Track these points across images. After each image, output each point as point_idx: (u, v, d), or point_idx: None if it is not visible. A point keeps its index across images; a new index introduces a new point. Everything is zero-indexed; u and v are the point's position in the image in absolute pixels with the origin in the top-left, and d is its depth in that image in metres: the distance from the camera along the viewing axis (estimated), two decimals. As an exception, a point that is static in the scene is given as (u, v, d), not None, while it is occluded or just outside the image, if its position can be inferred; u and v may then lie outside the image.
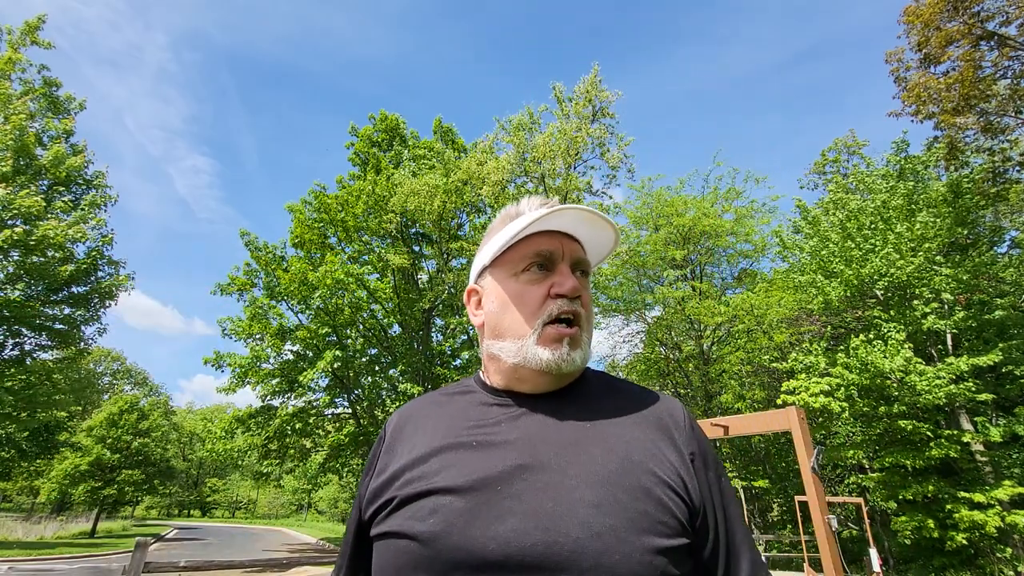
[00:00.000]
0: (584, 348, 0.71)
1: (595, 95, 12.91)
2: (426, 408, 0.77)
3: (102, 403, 35.21)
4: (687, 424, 0.71)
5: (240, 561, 5.94)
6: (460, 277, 16.24)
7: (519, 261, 0.74)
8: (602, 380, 0.78)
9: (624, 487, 0.59)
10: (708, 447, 0.71)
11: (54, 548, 16.31)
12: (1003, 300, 10.68)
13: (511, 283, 0.74)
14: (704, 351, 16.55)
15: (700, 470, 0.66)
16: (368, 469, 0.75)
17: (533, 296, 0.72)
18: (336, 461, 16.97)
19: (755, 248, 17.92)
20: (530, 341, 0.70)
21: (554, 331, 0.69)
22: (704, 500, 0.64)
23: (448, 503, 0.60)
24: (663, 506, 0.59)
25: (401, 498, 0.63)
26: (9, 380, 12.44)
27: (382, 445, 0.75)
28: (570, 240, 0.76)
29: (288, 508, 53.12)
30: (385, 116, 19.96)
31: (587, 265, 0.78)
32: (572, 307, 0.70)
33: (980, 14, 9.62)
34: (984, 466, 9.65)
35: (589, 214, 0.72)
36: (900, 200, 10.72)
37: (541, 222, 0.72)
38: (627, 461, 0.62)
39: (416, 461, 0.66)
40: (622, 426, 0.67)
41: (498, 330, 0.74)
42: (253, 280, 15.85)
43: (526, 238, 0.74)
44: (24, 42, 13.99)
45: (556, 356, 0.68)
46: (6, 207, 11.33)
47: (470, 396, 0.76)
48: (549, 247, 0.74)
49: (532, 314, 0.71)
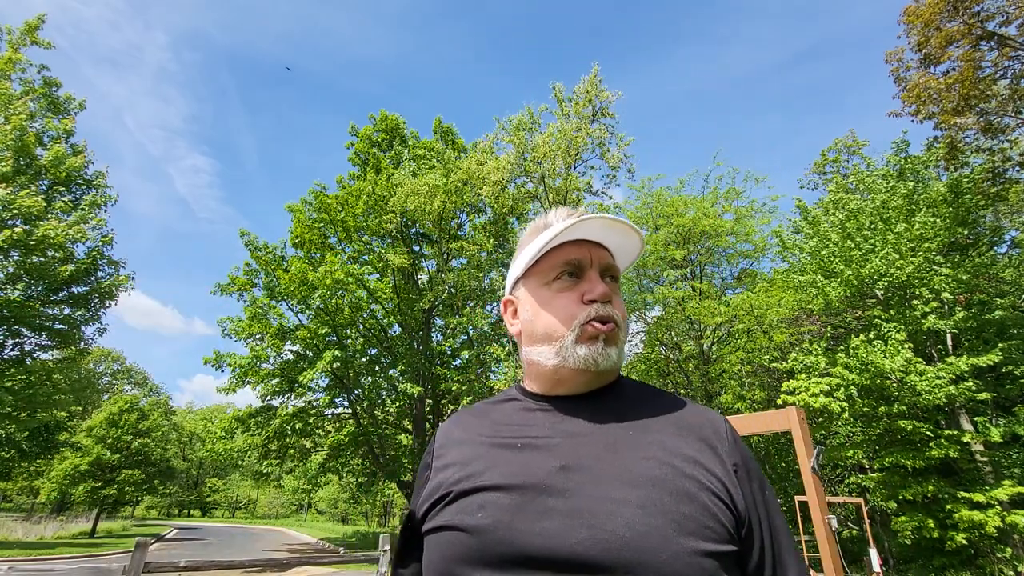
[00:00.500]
0: (620, 347, 0.74)
1: (595, 95, 12.91)
2: (472, 416, 0.81)
3: (102, 403, 35.21)
4: (729, 436, 0.71)
5: (240, 561, 5.95)
6: (460, 277, 16.24)
7: (549, 271, 0.78)
8: (641, 388, 0.80)
9: (668, 490, 0.60)
10: (751, 460, 0.71)
11: (54, 548, 16.31)
12: (1003, 300, 10.67)
13: (543, 292, 0.78)
14: (704, 351, 16.55)
15: (744, 481, 0.66)
16: (421, 476, 0.78)
17: (565, 302, 0.75)
18: (336, 461, 16.96)
19: (755, 248, 17.91)
20: (568, 341, 0.72)
21: (591, 328, 0.72)
22: (749, 510, 0.64)
23: (495, 499, 0.62)
24: (708, 511, 0.59)
25: (454, 494, 0.66)
26: (9, 380, 12.44)
27: (432, 455, 0.78)
28: (598, 247, 0.79)
29: (288, 508, 53.11)
30: (385, 116, 19.97)
31: (616, 271, 0.81)
32: (606, 311, 0.73)
33: (980, 14, 9.62)
34: (984, 466, 9.64)
35: (615, 222, 0.76)
36: (900, 200, 10.72)
37: (568, 232, 0.76)
38: (670, 466, 0.63)
39: (465, 462, 0.70)
40: (663, 433, 0.68)
41: (535, 336, 0.78)
42: (253, 280, 15.86)
43: (555, 248, 0.78)
44: (24, 42, 14.00)
45: (593, 352, 0.71)
46: (6, 207, 11.33)
47: (513, 403, 0.79)
48: (578, 255, 0.77)
49: (569, 318, 0.74)
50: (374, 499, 37.60)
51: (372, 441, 16.44)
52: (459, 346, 18.30)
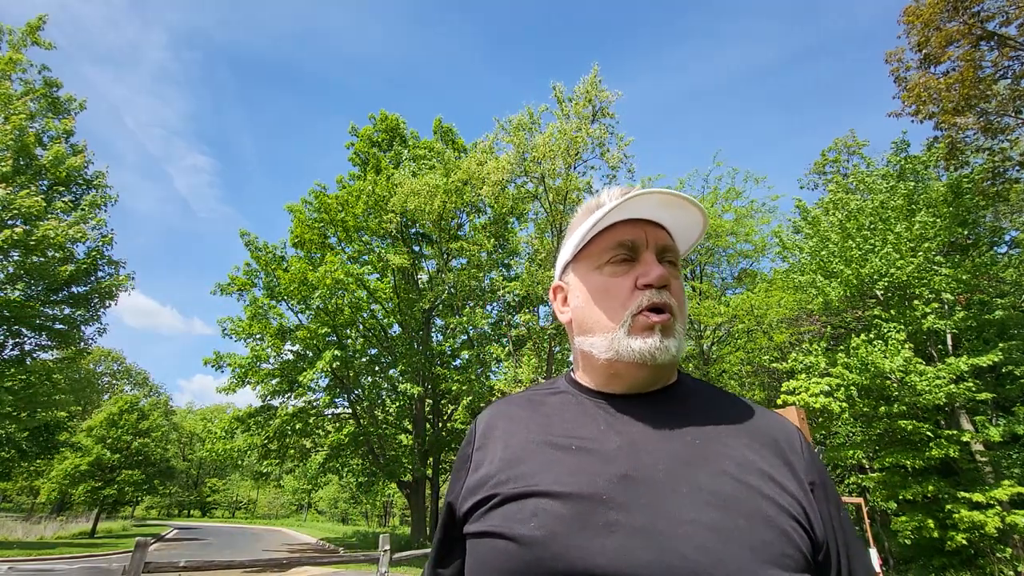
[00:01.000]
0: (679, 337, 0.67)
1: (595, 95, 12.91)
2: (517, 407, 0.74)
3: (102, 403, 35.22)
4: (804, 449, 0.65)
5: (240, 561, 5.94)
6: (460, 277, 16.24)
7: (601, 253, 0.71)
8: (705, 388, 0.73)
9: (743, 512, 0.54)
10: (827, 476, 0.65)
11: (54, 548, 16.31)
12: (1003, 300, 10.68)
13: (595, 277, 0.71)
14: (704, 351, 16.55)
15: (821, 501, 0.61)
16: (460, 468, 0.72)
17: (619, 288, 0.68)
18: (336, 461, 16.96)
19: (755, 248, 17.93)
20: (620, 332, 0.66)
21: (645, 319, 0.65)
22: (827, 534, 0.59)
23: (550, 507, 0.56)
24: (787, 537, 0.54)
25: (501, 496, 0.60)
26: (9, 380, 12.44)
27: (472, 445, 0.72)
28: (654, 227, 0.71)
29: (288, 508, 53.13)
30: (385, 116, 19.97)
31: (675, 252, 0.72)
32: (661, 297, 0.66)
33: (980, 14, 9.62)
34: (984, 466, 9.65)
35: (673, 197, 0.68)
36: (900, 200, 10.72)
37: (620, 210, 0.68)
38: (744, 484, 0.57)
39: (513, 460, 0.64)
40: (735, 444, 0.62)
41: (586, 325, 0.71)
42: (253, 280, 15.87)
43: (607, 229, 0.71)
44: (25, 42, 13.99)
45: (649, 345, 0.64)
46: (6, 207, 11.33)
47: (562, 396, 0.73)
48: (631, 236, 0.70)
49: (621, 306, 0.67)
50: (374, 499, 37.61)
51: (372, 441, 16.45)
52: (459, 346, 18.30)
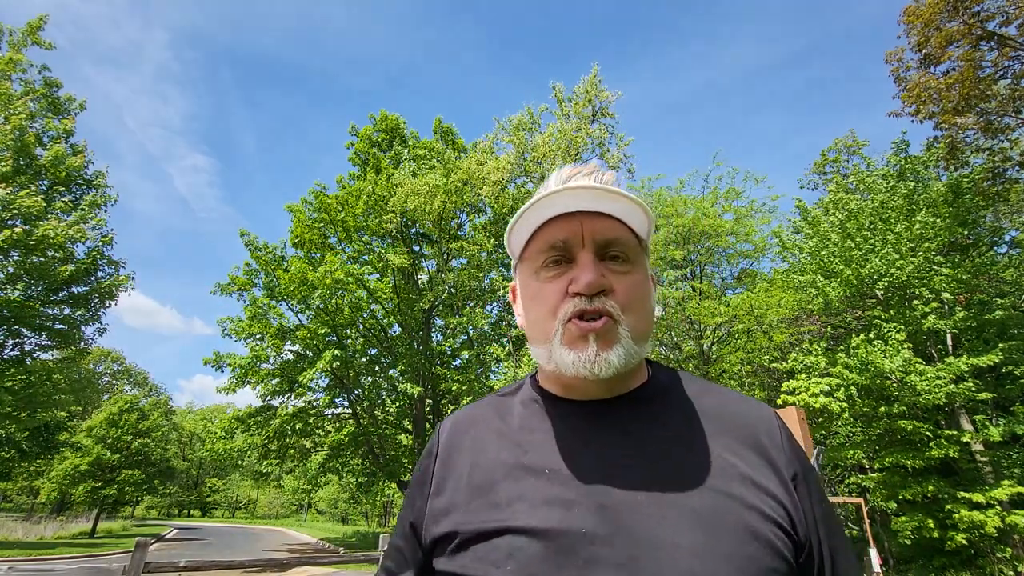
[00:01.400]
0: (624, 343, 0.58)
1: (595, 95, 12.92)
2: (483, 418, 0.69)
3: (102, 403, 35.21)
4: (784, 439, 0.62)
5: (240, 561, 5.94)
6: (460, 277, 16.23)
7: (536, 256, 0.64)
8: (677, 383, 0.67)
9: (727, 528, 0.52)
10: (808, 464, 0.62)
11: (54, 548, 16.30)
12: (1003, 300, 10.67)
13: (532, 282, 0.65)
14: (704, 351, 16.54)
15: (804, 497, 0.59)
16: (421, 483, 0.67)
17: (551, 295, 0.61)
18: (336, 461, 16.97)
19: (755, 248, 17.92)
20: (556, 343, 0.60)
21: (575, 328, 0.58)
22: (810, 532, 0.57)
23: (526, 546, 0.52)
24: (772, 549, 0.52)
25: (473, 532, 0.56)
26: (9, 380, 12.45)
27: (434, 457, 0.67)
28: (596, 218, 0.61)
29: (288, 508, 53.14)
30: (385, 116, 19.97)
31: (622, 245, 0.62)
32: (592, 306, 0.58)
33: (980, 14, 9.62)
34: (984, 466, 9.64)
35: (603, 192, 0.59)
36: (900, 200, 10.72)
37: (543, 208, 0.61)
38: (726, 495, 0.54)
39: (483, 487, 0.59)
40: (714, 448, 0.59)
41: (530, 334, 0.65)
42: (253, 280, 15.88)
43: (543, 226, 0.63)
44: (25, 43, 14.00)
45: (583, 357, 0.57)
46: (6, 207, 11.33)
47: (531, 406, 0.67)
48: (563, 235, 0.61)
49: (551, 314, 0.61)
50: (374, 499, 37.58)
51: (372, 441, 16.45)
52: (459, 346, 18.30)
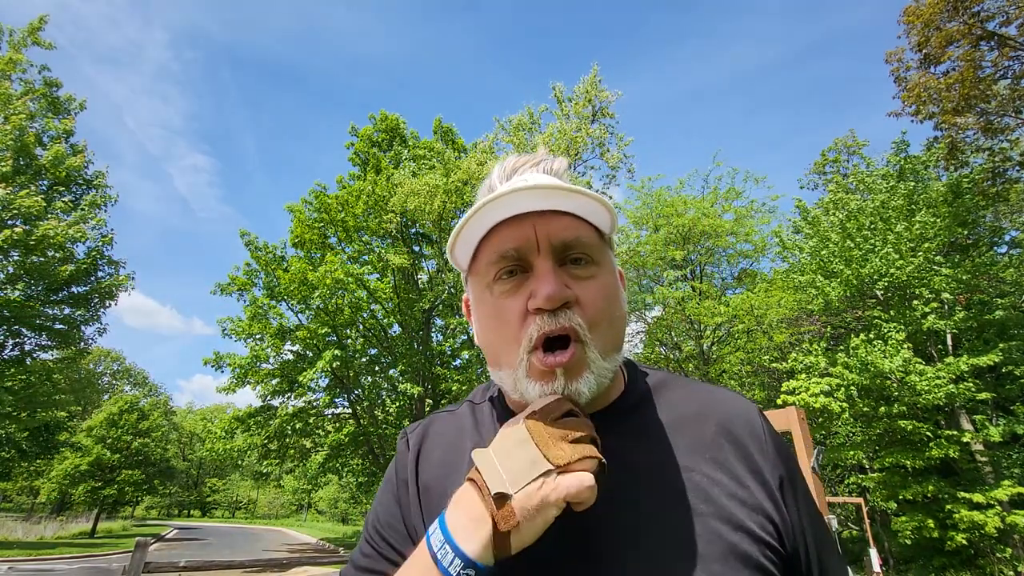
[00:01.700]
0: (594, 370, 0.53)
1: (595, 95, 12.92)
2: (458, 429, 0.65)
3: (102, 403, 35.23)
4: (768, 438, 0.59)
5: (240, 561, 5.95)
6: (460, 277, 16.22)
7: (487, 268, 0.57)
8: (658, 390, 0.64)
9: (717, 555, 0.49)
10: (793, 462, 0.60)
11: (54, 548, 16.31)
12: (1003, 300, 10.67)
13: (486, 297, 0.57)
14: (704, 351, 16.54)
15: (791, 503, 0.56)
16: (397, 490, 0.63)
17: (510, 314, 0.54)
18: (336, 461, 16.97)
19: (755, 248, 17.91)
20: (520, 374, 0.54)
21: (538, 363, 0.52)
22: (797, 543, 0.55)
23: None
24: (762, 569, 0.50)
25: None
26: (9, 380, 12.45)
27: (409, 472, 0.64)
28: (550, 217, 0.54)
29: (288, 508, 53.15)
30: (385, 116, 19.97)
31: (583, 246, 0.56)
32: (557, 323, 0.52)
33: (980, 14, 9.62)
34: (984, 466, 9.65)
35: (551, 191, 0.53)
36: (900, 200, 10.73)
37: (487, 214, 0.53)
38: (714, 518, 0.52)
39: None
40: (697, 464, 0.55)
41: (489, 356, 0.59)
42: (253, 280, 15.87)
43: (489, 233, 0.56)
44: (25, 43, 14.00)
45: (549, 390, 0.53)
46: (6, 207, 11.34)
47: (500, 424, 0.61)
48: (514, 242, 0.54)
49: (514, 339, 0.54)
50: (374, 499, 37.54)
51: (372, 441, 16.45)
52: (459, 346, 18.30)
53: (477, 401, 0.70)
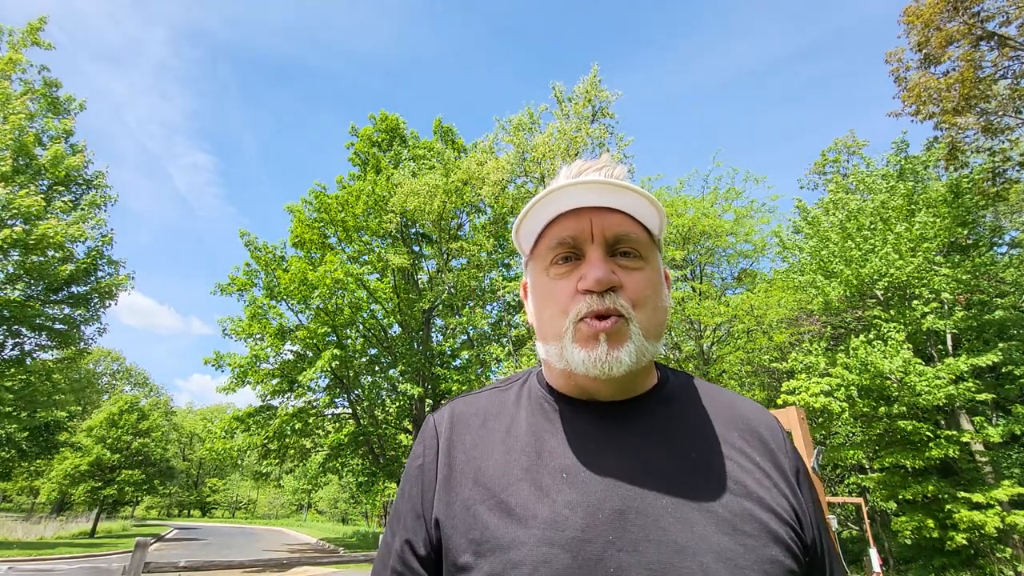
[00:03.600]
0: (635, 342, 0.57)
1: (595, 95, 12.91)
2: (487, 413, 0.67)
3: (102, 403, 35.22)
4: (785, 440, 0.64)
5: (240, 561, 5.94)
6: (460, 277, 16.24)
7: (546, 253, 0.64)
8: (686, 385, 0.68)
9: (751, 532, 0.53)
10: (804, 465, 0.64)
11: (54, 548, 16.30)
12: (1003, 300, 10.68)
13: (543, 279, 0.64)
14: (704, 351, 16.54)
15: (807, 499, 0.61)
16: (424, 472, 0.64)
17: (562, 292, 0.61)
18: (336, 461, 16.97)
19: (755, 248, 17.91)
20: (567, 341, 0.59)
21: (586, 328, 0.57)
22: (813, 532, 0.59)
23: (552, 558, 0.50)
24: (790, 552, 0.53)
25: (490, 544, 0.54)
26: (9, 380, 12.46)
27: (437, 451, 0.65)
28: (605, 213, 0.61)
29: (288, 508, 53.15)
30: (385, 116, 19.97)
31: (632, 240, 0.61)
32: (604, 304, 0.57)
33: (980, 14, 9.62)
34: (984, 466, 9.65)
35: (613, 188, 0.59)
36: (900, 200, 10.73)
37: (550, 204, 0.61)
38: (747, 498, 0.55)
39: (494, 492, 0.57)
40: (731, 450, 0.59)
41: (540, 331, 0.64)
42: (253, 280, 15.89)
43: (552, 223, 0.63)
44: (25, 43, 13.99)
45: (593, 357, 0.56)
46: (6, 207, 11.33)
47: (540, 405, 0.65)
48: (571, 231, 0.61)
49: (563, 312, 0.60)
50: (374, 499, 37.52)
51: (372, 441, 16.45)
52: (459, 346, 18.30)
53: (502, 387, 0.72)
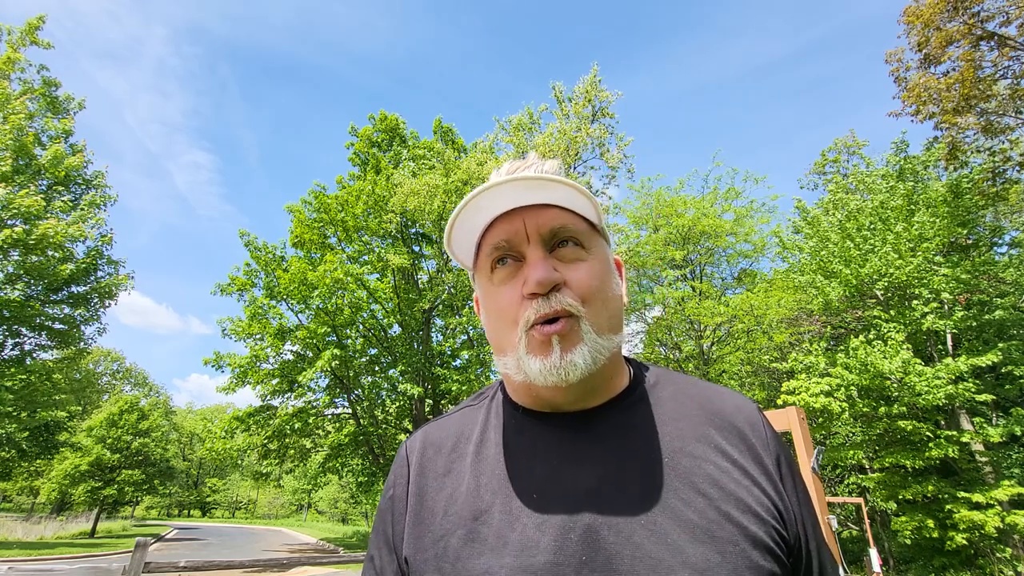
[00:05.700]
0: (588, 340, 0.55)
1: (595, 95, 12.91)
2: (459, 435, 0.65)
3: (102, 403, 35.22)
4: (767, 431, 0.61)
5: (240, 561, 5.93)
6: (460, 277, 16.23)
7: (485, 261, 0.61)
8: (661, 383, 0.65)
9: (728, 538, 0.51)
10: (789, 454, 0.61)
11: (54, 548, 16.30)
12: (1003, 300, 10.68)
13: (488, 288, 0.61)
14: (704, 351, 16.54)
15: (791, 493, 0.58)
16: (391, 506, 0.63)
17: (508, 300, 0.58)
18: (336, 461, 16.98)
19: (755, 248, 17.91)
20: (522, 352, 0.56)
21: (538, 334, 0.55)
22: (798, 531, 0.57)
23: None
24: (772, 554, 0.52)
25: (460, 573, 0.53)
26: (9, 380, 12.45)
27: (407, 480, 0.63)
28: (538, 209, 0.58)
29: (288, 508, 53.16)
30: (385, 116, 19.96)
31: (570, 230, 0.59)
32: (551, 306, 0.54)
33: (980, 14, 9.62)
34: (984, 466, 9.65)
35: (532, 182, 0.56)
36: (899, 200, 10.73)
37: (472, 212, 0.58)
38: (724, 501, 0.53)
39: (464, 518, 0.56)
40: (705, 452, 0.57)
41: (495, 345, 0.61)
42: (253, 280, 15.88)
43: (485, 231, 0.61)
44: (24, 42, 13.99)
45: (548, 365, 0.54)
46: (6, 207, 11.33)
47: (503, 420, 0.64)
48: (506, 235, 0.58)
49: (513, 321, 0.57)
50: (374, 499, 37.55)
51: (372, 441, 16.44)
52: (459, 346, 18.29)
53: (473, 404, 0.70)
